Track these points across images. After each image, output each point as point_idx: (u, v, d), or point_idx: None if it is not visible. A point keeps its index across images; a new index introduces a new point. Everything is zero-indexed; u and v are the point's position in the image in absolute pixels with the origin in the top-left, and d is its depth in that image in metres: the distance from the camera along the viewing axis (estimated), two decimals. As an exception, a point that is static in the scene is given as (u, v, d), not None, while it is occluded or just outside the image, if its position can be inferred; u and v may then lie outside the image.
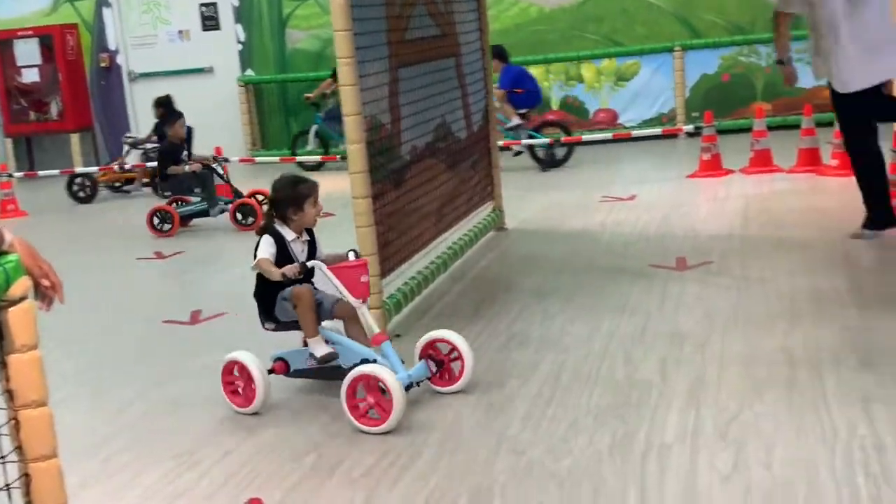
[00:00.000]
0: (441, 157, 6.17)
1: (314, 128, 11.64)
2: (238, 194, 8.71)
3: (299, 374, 4.33)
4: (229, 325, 5.66)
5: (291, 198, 4.22)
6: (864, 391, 3.77)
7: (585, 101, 11.94)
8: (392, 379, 3.83)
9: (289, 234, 4.25)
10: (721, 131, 9.60)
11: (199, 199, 8.82)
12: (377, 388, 3.87)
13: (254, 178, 9.80)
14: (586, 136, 10.64)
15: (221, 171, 8.90)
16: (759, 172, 8.70)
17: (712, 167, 8.96)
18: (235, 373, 4.29)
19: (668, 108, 11.67)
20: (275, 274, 4.11)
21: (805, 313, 4.81)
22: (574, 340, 4.75)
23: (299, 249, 4.27)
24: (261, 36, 13.07)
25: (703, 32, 11.48)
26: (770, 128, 9.08)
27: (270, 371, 4.29)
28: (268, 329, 4.42)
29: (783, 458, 3.30)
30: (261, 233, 4.28)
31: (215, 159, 9.00)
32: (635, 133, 10.74)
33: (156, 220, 8.74)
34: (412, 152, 5.63)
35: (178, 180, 8.74)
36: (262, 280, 4.28)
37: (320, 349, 4.17)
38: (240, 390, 4.26)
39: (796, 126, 9.02)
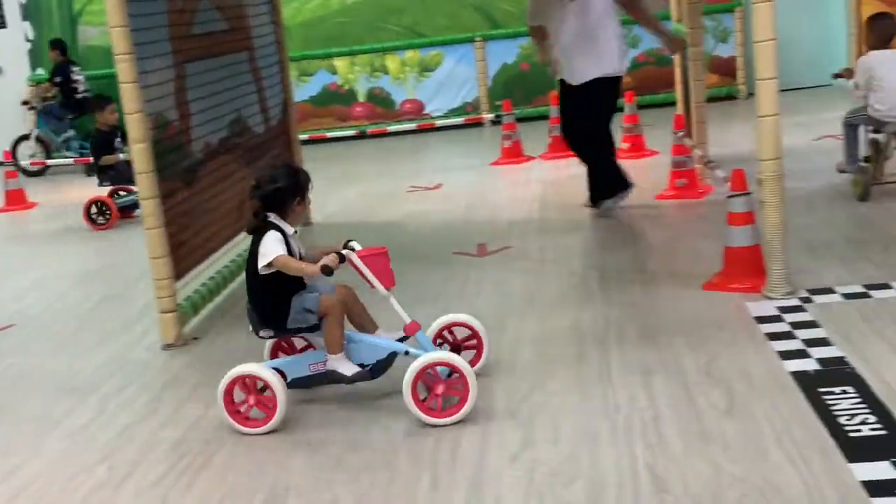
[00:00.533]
0: (238, 152, 6.07)
1: (35, 132, 11.50)
2: None
3: (297, 384, 3.85)
4: (18, 337, 5.40)
5: (295, 188, 3.82)
6: (645, 364, 3.96)
7: (392, 92, 12.00)
8: (462, 361, 3.64)
9: (288, 228, 3.83)
10: (521, 119, 9.88)
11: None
12: (438, 375, 3.63)
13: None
14: (392, 128, 10.72)
15: None
16: (556, 158, 8.96)
17: (513, 154, 9.19)
18: (238, 393, 3.78)
19: (471, 97, 11.89)
20: (308, 270, 3.69)
21: (594, 291, 5.00)
22: (375, 332, 4.77)
23: (296, 246, 3.87)
24: (51, 33, 12.45)
25: (502, 23, 11.73)
26: (567, 114, 9.36)
27: None
28: (263, 336, 3.92)
29: (569, 433, 3.42)
30: (258, 230, 3.79)
31: None
32: (439, 123, 10.89)
33: (93, 211, 8.19)
34: (205, 149, 5.52)
35: (116, 170, 8.20)
36: (269, 283, 3.77)
37: (348, 368, 3.78)
38: (252, 412, 3.76)
39: (591, 112, 9.34)
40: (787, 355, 3.86)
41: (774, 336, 4.08)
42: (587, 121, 6.67)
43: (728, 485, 2.94)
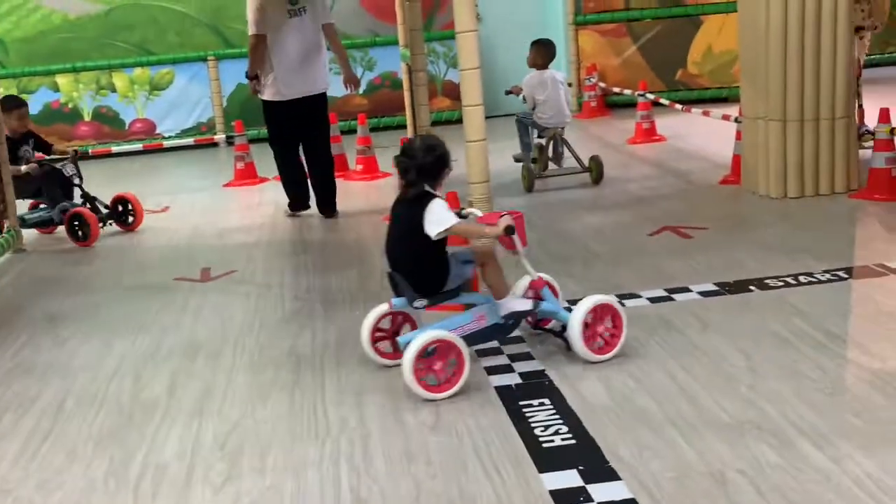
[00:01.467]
0: (-67, 176, 5.62)
1: None
2: (89, 200, 7.34)
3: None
4: None
5: (446, 159, 3.97)
6: (360, 385, 3.99)
7: (120, 111, 11.54)
8: (616, 300, 4.05)
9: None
10: (258, 140, 9.77)
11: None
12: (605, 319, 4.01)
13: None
14: (117, 148, 10.29)
15: (71, 172, 7.33)
16: (291, 179, 8.92)
17: (247, 176, 9.07)
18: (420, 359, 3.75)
19: (206, 117, 11.63)
20: (491, 231, 3.92)
21: (317, 314, 5.00)
22: (84, 364, 4.54)
23: None
24: None
25: (236, 42, 11.57)
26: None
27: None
28: (416, 307, 4.02)
29: (276, 461, 3.38)
30: (423, 198, 3.89)
31: (77, 154, 7.55)
32: (169, 143, 10.57)
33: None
34: None
35: (22, 181, 7.17)
36: (433, 248, 3.92)
37: (524, 302, 4.06)
38: (442, 375, 3.78)
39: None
40: (493, 371, 4.00)
41: (484, 353, 4.22)
42: (277, 136, 7.26)
43: (426, 500, 3.00)
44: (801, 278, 4.82)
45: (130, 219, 7.49)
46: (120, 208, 7.50)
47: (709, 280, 4.91)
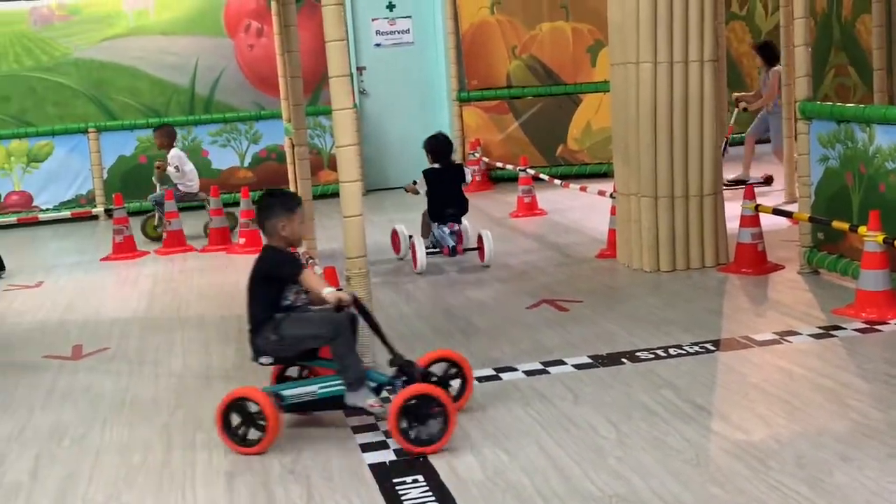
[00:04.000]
0: None
1: None
2: None
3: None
4: None
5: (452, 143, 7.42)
6: (231, 466, 3.91)
7: (-5, 183, 11.23)
8: None
9: None
10: (137, 213, 9.63)
11: None
12: None
13: None
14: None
15: None
16: (171, 252, 8.79)
17: (125, 249, 8.87)
18: None
19: (86, 189, 11.39)
20: None
21: (191, 393, 4.90)
22: (-59, 449, 4.34)
23: None
24: None
25: (118, 114, 11.43)
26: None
27: None
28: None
29: (141, 546, 3.28)
30: (459, 164, 7.63)
31: None
32: (44, 217, 10.32)
33: None
34: None
35: None
36: None
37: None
38: None
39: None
40: (367, 448, 3.98)
41: (359, 429, 4.19)
42: None
43: (295, 585, 2.95)
44: (671, 350, 4.96)
45: None
46: None
47: (583, 353, 5.01)
